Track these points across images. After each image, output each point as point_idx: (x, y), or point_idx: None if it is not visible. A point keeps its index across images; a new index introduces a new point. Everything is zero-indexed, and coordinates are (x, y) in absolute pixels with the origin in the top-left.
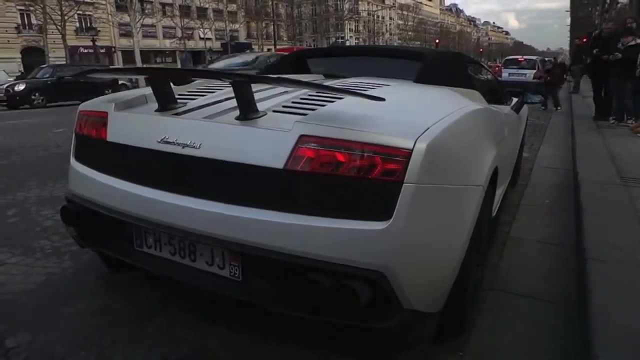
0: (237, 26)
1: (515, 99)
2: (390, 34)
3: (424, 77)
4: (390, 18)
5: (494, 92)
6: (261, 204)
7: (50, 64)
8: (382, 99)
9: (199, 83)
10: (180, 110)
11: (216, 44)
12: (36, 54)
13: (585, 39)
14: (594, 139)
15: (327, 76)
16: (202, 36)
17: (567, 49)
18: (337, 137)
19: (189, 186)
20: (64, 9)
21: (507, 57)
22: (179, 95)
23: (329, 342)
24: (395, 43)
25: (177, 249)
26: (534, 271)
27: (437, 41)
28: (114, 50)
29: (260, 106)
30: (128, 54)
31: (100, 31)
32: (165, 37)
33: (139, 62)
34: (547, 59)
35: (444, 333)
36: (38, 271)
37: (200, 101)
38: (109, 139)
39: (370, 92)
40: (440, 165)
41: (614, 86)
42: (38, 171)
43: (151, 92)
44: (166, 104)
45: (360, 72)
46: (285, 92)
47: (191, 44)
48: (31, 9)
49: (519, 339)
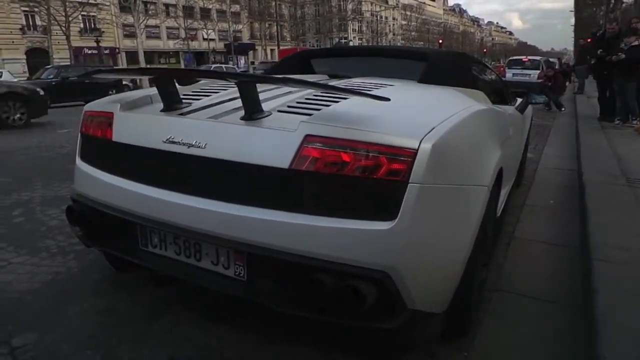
0: (240, 27)
1: (519, 100)
2: (394, 34)
3: (428, 77)
4: (394, 18)
5: (498, 92)
6: (266, 203)
7: (55, 65)
8: (387, 99)
9: (204, 83)
10: (185, 110)
11: (219, 45)
12: (40, 55)
13: (589, 40)
14: (598, 139)
15: (332, 76)
16: (206, 37)
17: (572, 49)
18: (342, 137)
19: (194, 186)
20: (68, 10)
21: (511, 58)
22: (184, 95)
23: (334, 342)
24: (399, 43)
25: (182, 248)
26: (538, 272)
27: (441, 41)
28: (117, 51)
29: (265, 106)
30: (132, 55)
31: (104, 32)
32: (169, 37)
33: (142, 63)
34: (551, 59)
35: (449, 333)
36: (43, 270)
37: (205, 101)
38: (115, 139)
39: (374, 92)
40: (446, 165)
41: (617, 86)
42: (43, 171)
43: (156, 92)
44: (171, 104)
45: (364, 72)
46: (290, 92)
47: (195, 45)
48: (35, 10)
49: (524, 339)
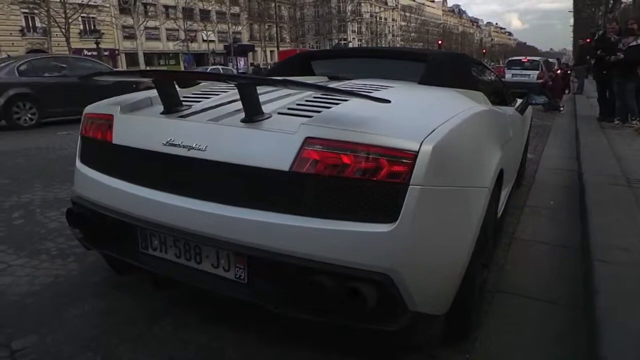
0: (240, 28)
1: (519, 100)
2: (393, 35)
3: (429, 78)
4: (393, 19)
5: (498, 93)
6: (267, 206)
7: None
8: (388, 100)
9: (204, 85)
10: (185, 112)
11: (219, 46)
12: None
13: (588, 40)
14: (598, 140)
15: (332, 78)
16: (205, 38)
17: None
18: (342, 139)
19: (194, 188)
20: (67, 12)
21: (510, 58)
22: (184, 97)
23: (334, 343)
24: (398, 44)
25: (183, 251)
26: (539, 272)
27: (440, 42)
28: (117, 52)
29: (265, 108)
30: (132, 57)
31: (103, 34)
32: (168, 39)
33: (142, 65)
34: (550, 60)
35: (451, 335)
36: (43, 273)
37: (206, 103)
38: (115, 141)
39: (375, 93)
40: (446, 167)
41: (616, 87)
42: (43, 173)
43: (156, 94)
44: (171, 106)
45: (364, 74)
46: (290, 94)
47: (194, 46)
48: (35, 12)
49: (525, 340)
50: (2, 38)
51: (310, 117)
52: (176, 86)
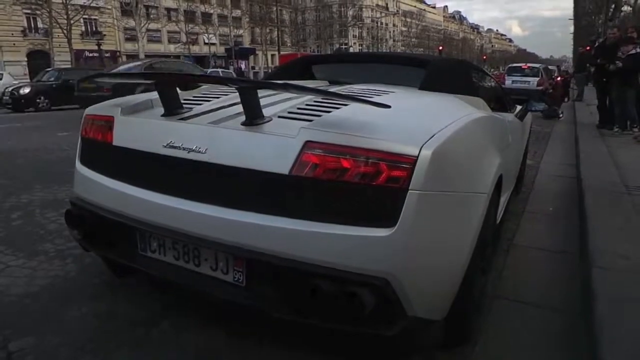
0: (241, 31)
1: (519, 107)
2: (394, 40)
3: (429, 84)
4: (394, 25)
5: (498, 99)
6: (266, 209)
7: (56, 67)
8: (388, 105)
9: (205, 88)
10: (186, 115)
11: (220, 49)
12: (42, 57)
13: (588, 48)
14: (597, 147)
15: (332, 83)
16: (207, 41)
17: (570, 56)
18: (342, 144)
19: (193, 191)
20: (70, 13)
21: (510, 65)
22: (185, 100)
23: (333, 347)
24: (399, 49)
25: (181, 253)
26: (538, 278)
27: (441, 48)
28: (119, 54)
29: (265, 112)
30: (133, 58)
31: (105, 35)
32: (170, 41)
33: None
34: (550, 67)
35: (450, 340)
36: (41, 274)
37: (206, 106)
38: (115, 143)
39: (375, 98)
40: (446, 172)
41: (616, 94)
42: (42, 174)
43: (157, 96)
44: (172, 108)
45: (365, 79)
46: (290, 98)
47: (195, 49)
48: (37, 12)
49: (524, 346)
50: (4, 38)
51: (310, 121)
52: (177, 88)
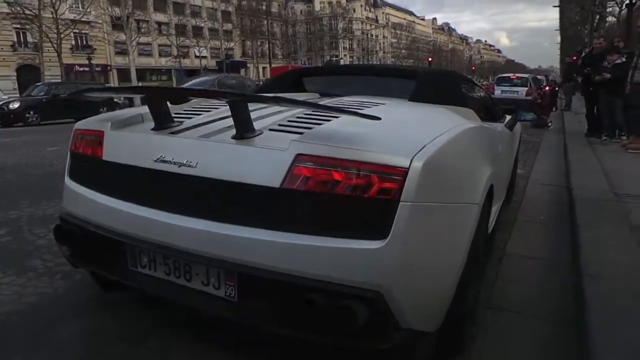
0: (232, 45)
1: (508, 117)
2: (384, 52)
3: (419, 95)
4: (384, 37)
5: (488, 109)
6: (257, 223)
7: (45, 82)
8: (378, 117)
9: (196, 102)
10: (176, 129)
11: (212, 62)
12: (32, 71)
13: (575, 57)
14: (587, 155)
15: (323, 95)
16: (198, 54)
17: (558, 66)
18: (333, 156)
19: (184, 205)
20: (60, 27)
21: (499, 75)
22: (175, 113)
23: None
24: (389, 61)
25: (172, 268)
26: (530, 288)
27: (430, 59)
28: (109, 68)
29: (256, 125)
30: (124, 72)
31: (96, 49)
32: (161, 55)
33: (134, 80)
34: (538, 77)
35: (444, 351)
36: (30, 291)
37: (197, 120)
38: (105, 157)
39: (366, 110)
40: (437, 184)
41: (604, 104)
42: (31, 189)
43: (148, 110)
44: (162, 122)
45: (355, 91)
46: (281, 111)
47: (187, 62)
48: (27, 27)
49: (517, 355)
50: None
51: (301, 133)
52: (167, 102)
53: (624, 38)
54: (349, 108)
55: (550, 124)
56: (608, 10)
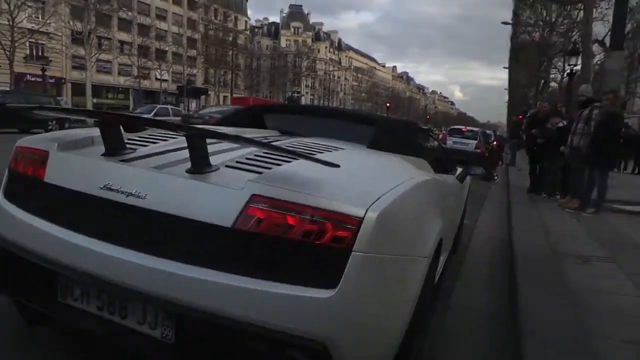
0: (195, 71)
1: (459, 169)
2: (345, 93)
3: (377, 143)
4: (346, 79)
5: (441, 161)
6: (204, 262)
7: None
8: (337, 165)
9: (152, 129)
10: (128, 156)
11: (172, 86)
12: None
13: (520, 117)
14: (528, 211)
15: (284, 133)
16: (159, 77)
17: (505, 123)
18: (289, 200)
19: (126, 237)
20: (15, 35)
21: (452, 127)
22: (129, 140)
23: None
24: (349, 102)
25: (106, 303)
26: (472, 341)
27: (388, 105)
28: (64, 81)
29: (213, 159)
30: (79, 87)
31: (52, 61)
32: (120, 74)
33: (89, 96)
34: (487, 131)
35: None
36: None
37: (151, 149)
38: (47, 179)
39: (325, 154)
40: (389, 236)
41: (547, 163)
42: None
43: (99, 133)
44: (114, 148)
45: (316, 132)
46: (240, 147)
47: (146, 84)
48: None
49: None
50: None
51: (259, 173)
52: (121, 128)
53: (565, 104)
54: (309, 150)
55: (496, 177)
56: (551, 76)
